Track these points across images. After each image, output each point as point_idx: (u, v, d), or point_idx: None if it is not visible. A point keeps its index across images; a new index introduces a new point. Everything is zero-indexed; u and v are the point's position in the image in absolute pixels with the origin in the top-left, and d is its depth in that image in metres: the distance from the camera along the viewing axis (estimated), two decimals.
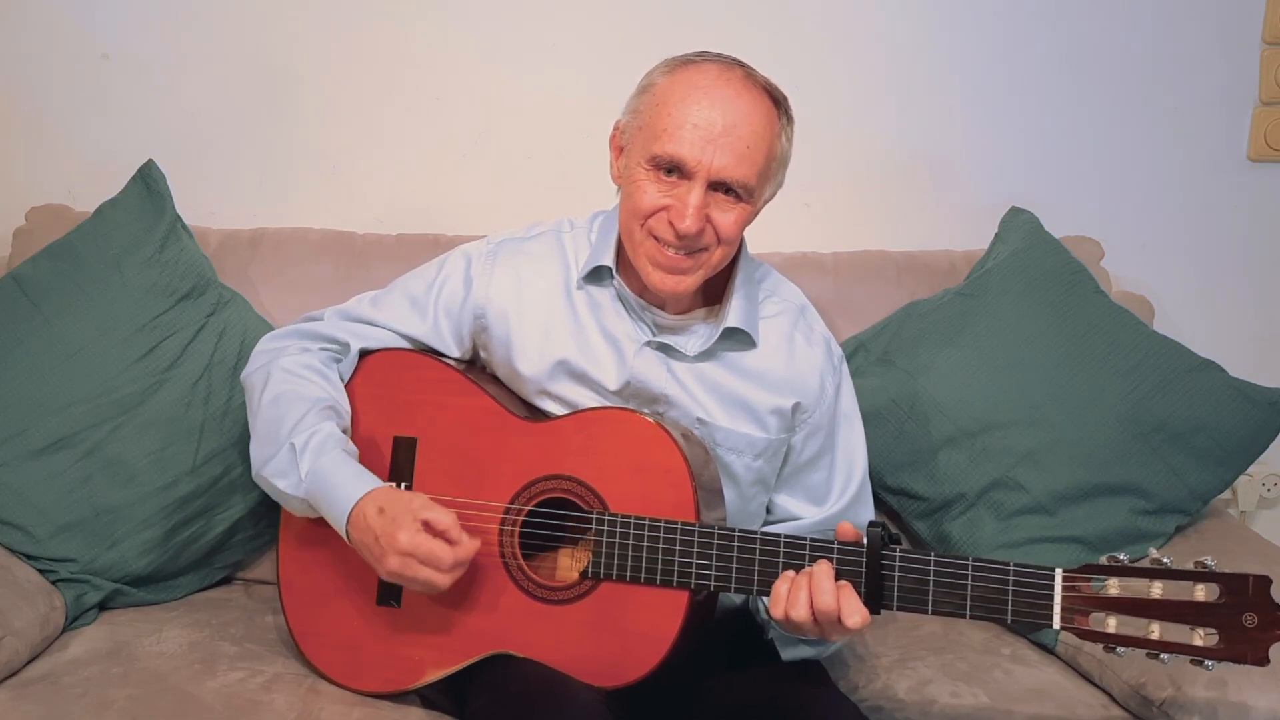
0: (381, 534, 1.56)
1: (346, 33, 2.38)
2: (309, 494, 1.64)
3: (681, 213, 1.59)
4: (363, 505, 1.59)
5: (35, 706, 1.64)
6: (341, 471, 1.62)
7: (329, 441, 1.65)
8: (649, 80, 1.65)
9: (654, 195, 1.61)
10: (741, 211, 1.63)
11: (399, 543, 1.55)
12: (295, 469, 1.64)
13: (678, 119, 1.58)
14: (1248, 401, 2.09)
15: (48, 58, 2.35)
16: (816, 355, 1.76)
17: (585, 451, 1.63)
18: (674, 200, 1.60)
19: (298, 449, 1.64)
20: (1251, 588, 1.41)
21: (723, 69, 1.62)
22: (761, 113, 1.61)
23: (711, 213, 1.61)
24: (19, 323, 1.99)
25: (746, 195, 1.62)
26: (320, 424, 1.66)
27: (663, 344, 1.71)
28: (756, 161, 1.60)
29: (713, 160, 1.58)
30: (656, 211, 1.62)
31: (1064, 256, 2.21)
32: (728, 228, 1.62)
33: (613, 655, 1.57)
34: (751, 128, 1.59)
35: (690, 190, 1.59)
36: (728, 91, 1.59)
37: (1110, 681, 1.85)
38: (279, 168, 2.41)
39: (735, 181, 1.60)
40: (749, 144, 1.59)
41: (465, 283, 1.77)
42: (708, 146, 1.57)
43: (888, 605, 1.51)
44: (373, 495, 1.59)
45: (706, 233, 1.62)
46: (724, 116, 1.58)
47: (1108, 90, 2.48)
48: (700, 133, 1.57)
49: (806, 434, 1.75)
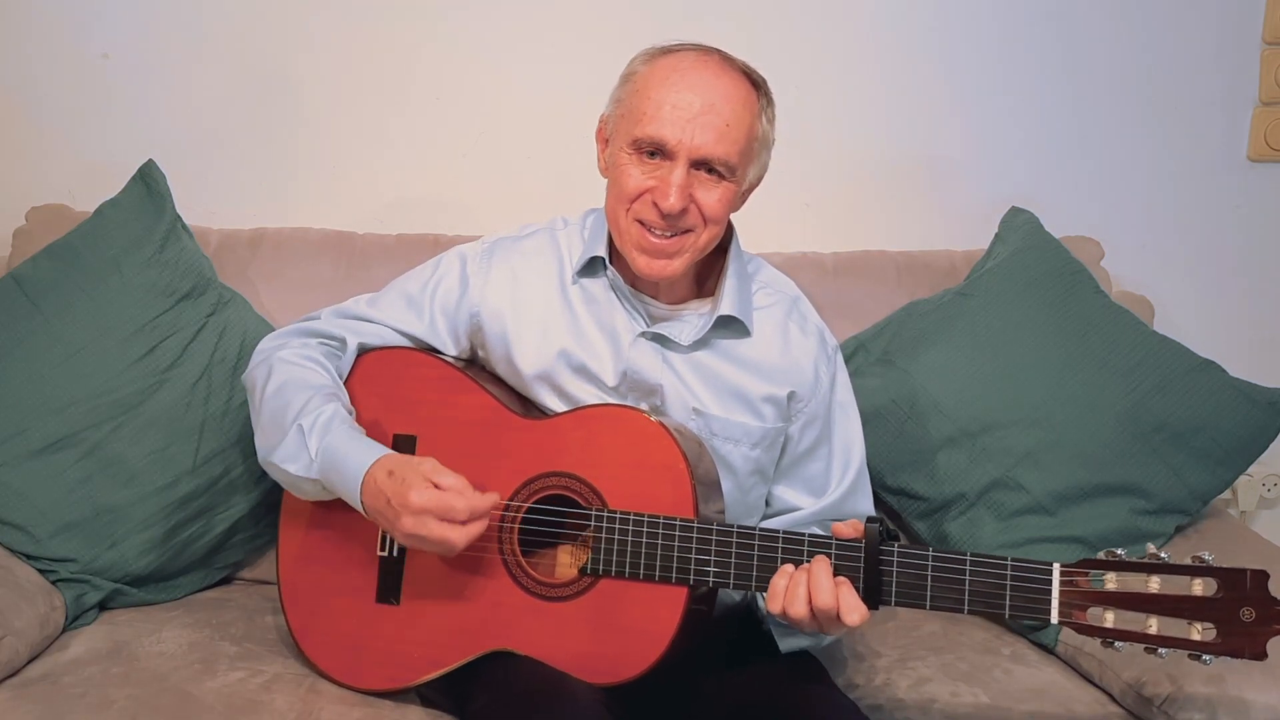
0: (393, 496, 1.56)
1: (346, 33, 2.38)
2: (321, 473, 1.64)
3: (665, 191, 1.62)
4: (373, 471, 1.59)
5: (35, 706, 1.64)
6: (349, 444, 1.63)
7: (335, 419, 1.65)
8: (630, 69, 1.69)
9: (638, 178, 1.64)
10: (725, 190, 1.65)
11: (411, 501, 1.54)
12: (305, 450, 1.64)
13: (657, 101, 1.62)
14: (1248, 401, 2.09)
15: (48, 58, 2.36)
16: (811, 344, 1.78)
17: (584, 448, 1.63)
18: (657, 181, 1.63)
19: (305, 430, 1.64)
20: (1249, 582, 1.42)
21: (701, 54, 1.66)
22: (740, 93, 1.64)
23: (695, 192, 1.63)
24: (19, 323, 1.99)
25: (729, 174, 1.64)
26: (324, 405, 1.67)
27: (657, 334, 1.72)
28: (737, 140, 1.63)
29: (693, 138, 1.61)
30: (641, 194, 1.64)
31: (1064, 256, 2.21)
32: (712, 206, 1.64)
33: (612, 651, 1.57)
34: (731, 106, 1.62)
35: (673, 170, 1.62)
36: (705, 74, 1.63)
37: (1110, 681, 1.85)
38: (279, 168, 2.41)
39: (716, 159, 1.62)
40: (728, 121, 1.62)
41: (461, 282, 1.78)
42: (688, 125, 1.60)
43: (886, 601, 1.51)
44: (381, 461, 1.60)
45: (691, 212, 1.64)
46: (703, 97, 1.61)
47: (1108, 90, 2.48)
48: (680, 112, 1.61)
49: (804, 423, 1.76)
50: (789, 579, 1.51)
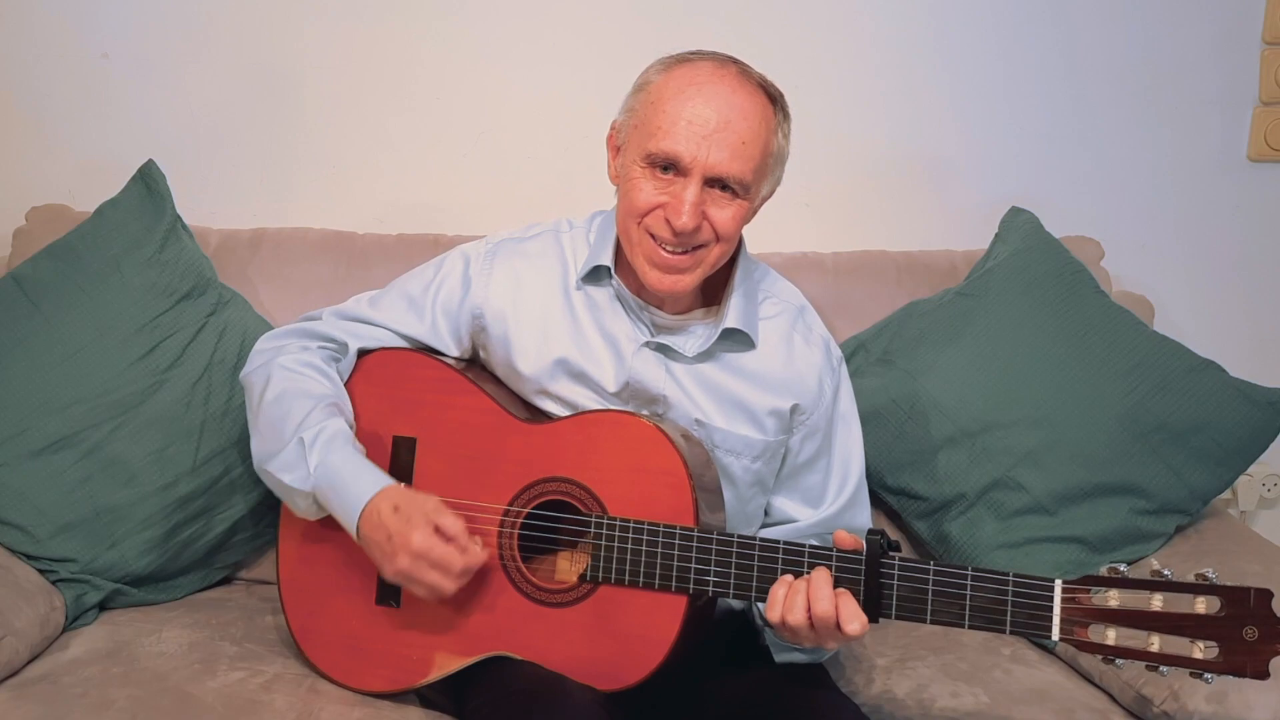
0: (395, 533, 1.56)
1: (347, 33, 2.38)
2: (317, 488, 1.63)
3: (678, 209, 1.59)
4: (377, 502, 1.59)
5: (35, 706, 1.64)
6: (352, 467, 1.62)
7: (338, 438, 1.64)
8: (644, 79, 1.65)
9: (650, 193, 1.61)
10: (739, 208, 1.63)
11: (413, 543, 1.55)
12: (304, 463, 1.64)
13: (672, 115, 1.58)
14: (1248, 401, 2.09)
15: (48, 58, 2.35)
16: (815, 356, 1.76)
17: (584, 454, 1.62)
18: (670, 197, 1.60)
19: (306, 444, 1.64)
20: (1253, 600, 1.40)
21: (717, 65, 1.62)
22: (757, 109, 1.61)
23: (708, 209, 1.61)
24: (19, 323, 1.99)
25: (743, 191, 1.62)
26: (327, 420, 1.66)
27: (661, 344, 1.71)
28: (753, 157, 1.60)
29: (708, 156, 1.58)
30: (653, 209, 1.62)
31: (1064, 256, 2.21)
32: (725, 224, 1.62)
33: (611, 658, 1.57)
34: (747, 123, 1.59)
35: (686, 187, 1.59)
36: (722, 88, 1.59)
37: (1110, 681, 1.85)
38: (279, 168, 2.41)
39: (731, 177, 1.59)
40: (744, 139, 1.59)
41: (463, 283, 1.77)
42: (703, 142, 1.57)
43: (886, 614, 1.50)
44: (386, 493, 1.60)
45: (704, 229, 1.62)
46: (719, 113, 1.58)
47: (1108, 90, 2.48)
48: (695, 129, 1.57)
49: (804, 435, 1.75)
50: (788, 588, 1.51)
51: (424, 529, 1.55)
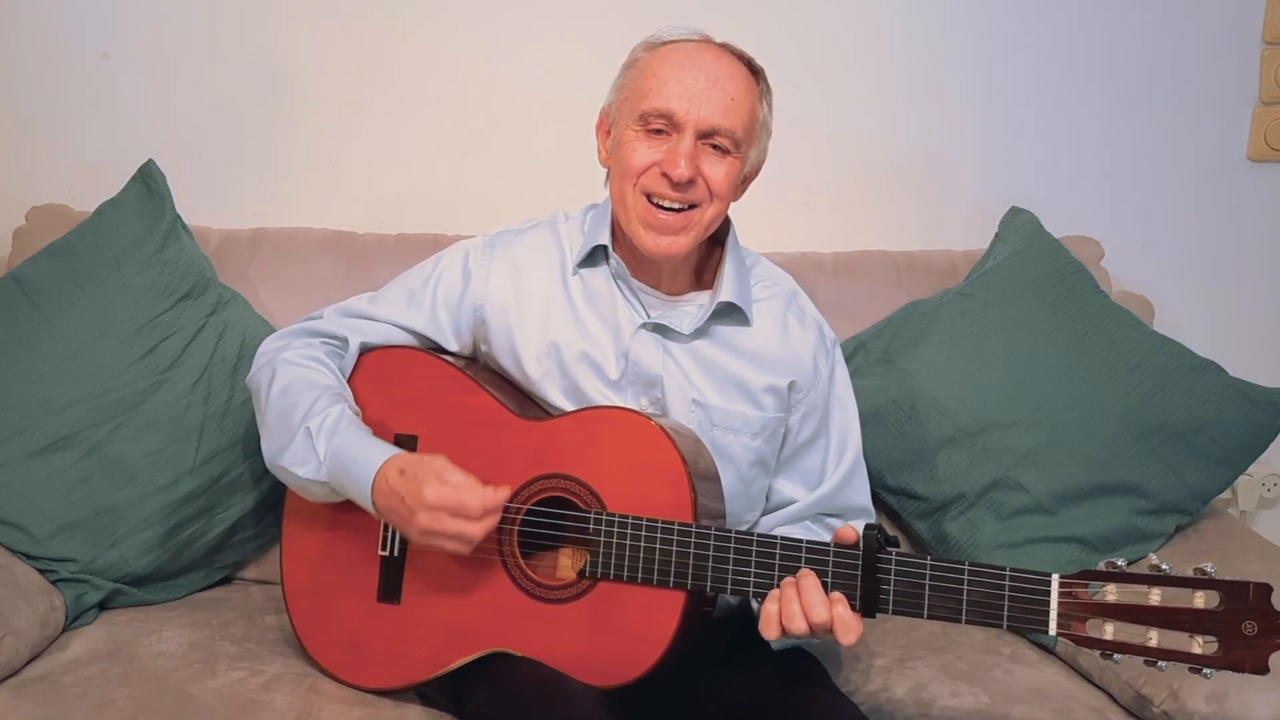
0: (407, 494, 1.56)
1: (346, 33, 2.38)
2: (330, 475, 1.64)
3: (674, 161, 1.64)
4: (384, 470, 1.60)
5: (35, 706, 1.64)
6: (358, 444, 1.63)
7: (342, 420, 1.66)
8: (631, 58, 1.73)
9: (645, 152, 1.66)
10: (731, 165, 1.67)
11: (425, 498, 1.55)
12: (314, 453, 1.64)
13: (663, 78, 1.66)
14: (1248, 401, 2.09)
15: (48, 58, 2.35)
16: (810, 336, 1.79)
17: (584, 450, 1.63)
18: (665, 154, 1.65)
19: (313, 433, 1.65)
20: (1252, 595, 1.40)
21: (701, 41, 1.71)
22: (740, 75, 1.68)
23: (702, 164, 1.66)
24: (19, 323, 1.99)
25: (734, 148, 1.67)
26: (331, 407, 1.67)
27: (658, 324, 1.73)
28: (741, 115, 1.66)
29: (699, 110, 1.64)
30: (648, 168, 1.66)
31: (1064, 256, 2.21)
32: (719, 181, 1.67)
33: (610, 654, 1.57)
34: (734, 83, 1.66)
35: (680, 140, 1.65)
36: (707, 57, 1.68)
37: (1110, 681, 1.85)
38: (279, 168, 2.41)
39: (723, 130, 1.65)
40: (733, 96, 1.66)
41: (464, 276, 1.79)
42: (694, 99, 1.64)
43: (883, 609, 1.50)
44: (392, 460, 1.60)
45: (698, 186, 1.66)
46: (706, 74, 1.65)
47: (1108, 90, 2.48)
48: (685, 86, 1.65)
49: (803, 414, 1.77)
50: (778, 603, 1.50)
51: (434, 482, 1.55)
